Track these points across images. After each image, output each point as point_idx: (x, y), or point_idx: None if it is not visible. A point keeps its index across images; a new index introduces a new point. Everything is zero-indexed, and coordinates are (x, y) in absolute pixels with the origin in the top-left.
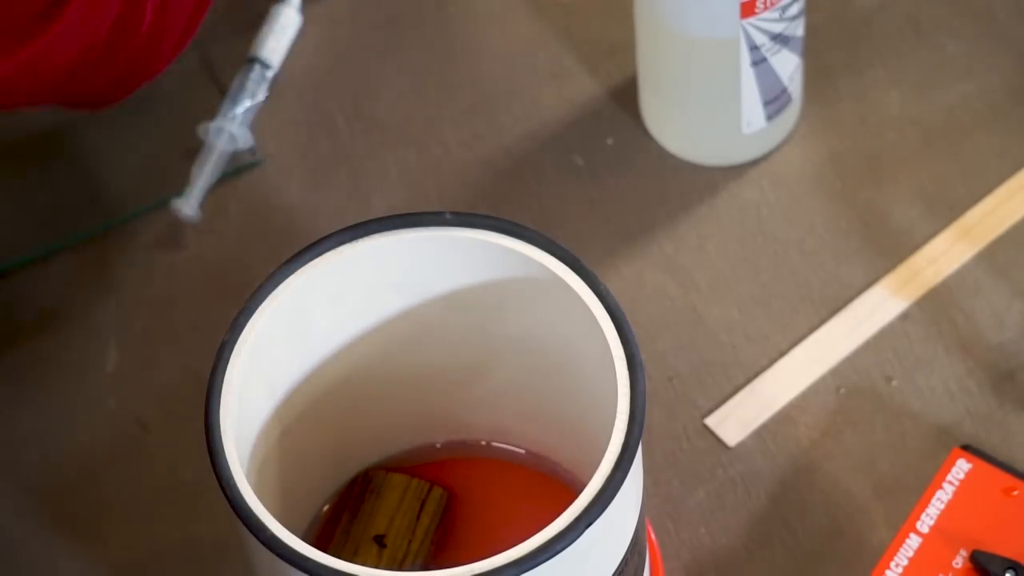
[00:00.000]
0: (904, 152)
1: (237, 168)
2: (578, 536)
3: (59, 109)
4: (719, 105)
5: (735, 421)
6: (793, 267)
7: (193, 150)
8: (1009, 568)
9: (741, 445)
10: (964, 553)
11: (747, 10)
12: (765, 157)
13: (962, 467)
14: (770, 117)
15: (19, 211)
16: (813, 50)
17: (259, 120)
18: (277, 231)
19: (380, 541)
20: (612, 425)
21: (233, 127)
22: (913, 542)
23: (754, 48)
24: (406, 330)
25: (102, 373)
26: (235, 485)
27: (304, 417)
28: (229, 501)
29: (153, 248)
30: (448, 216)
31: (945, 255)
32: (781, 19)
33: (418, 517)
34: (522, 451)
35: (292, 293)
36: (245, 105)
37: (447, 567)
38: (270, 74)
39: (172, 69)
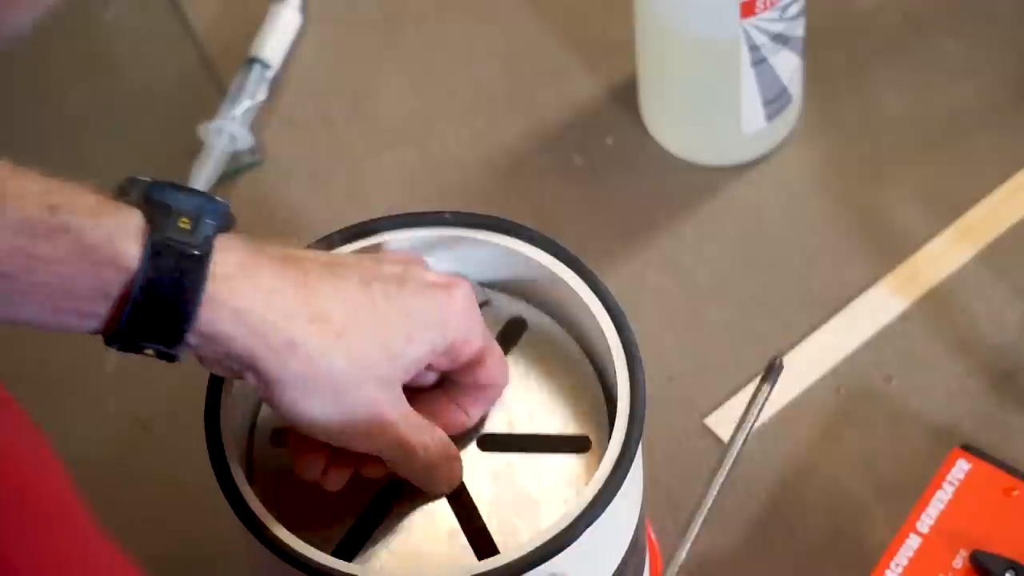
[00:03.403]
0: (904, 152)
1: (237, 168)
2: (578, 536)
3: None
4: (719, 105)
5: (735, 421)
6: (793, 267)
7: (193, 150)
8: (1009, 568)
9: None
10: (964, 553)
11: (747, 10)
12: (765, 157)
13: (962, 467)
14: (770, 117)
15: None
16: (813, 50)
17: (259, 120)
18: (277, 231)
19: None
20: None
21: (233, 127)
22: (913, 542)
23: (754, 48)
24: None
25: (102, 373)
26: (235, 485)
27: None
28: (229, 501)
29: None
30: (448, 216)
31: (945, 255)
32: (781, 19)
33: None
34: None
35: None
36: (245, 105)
37: None
38: (270, 74)
39: (172, 69)
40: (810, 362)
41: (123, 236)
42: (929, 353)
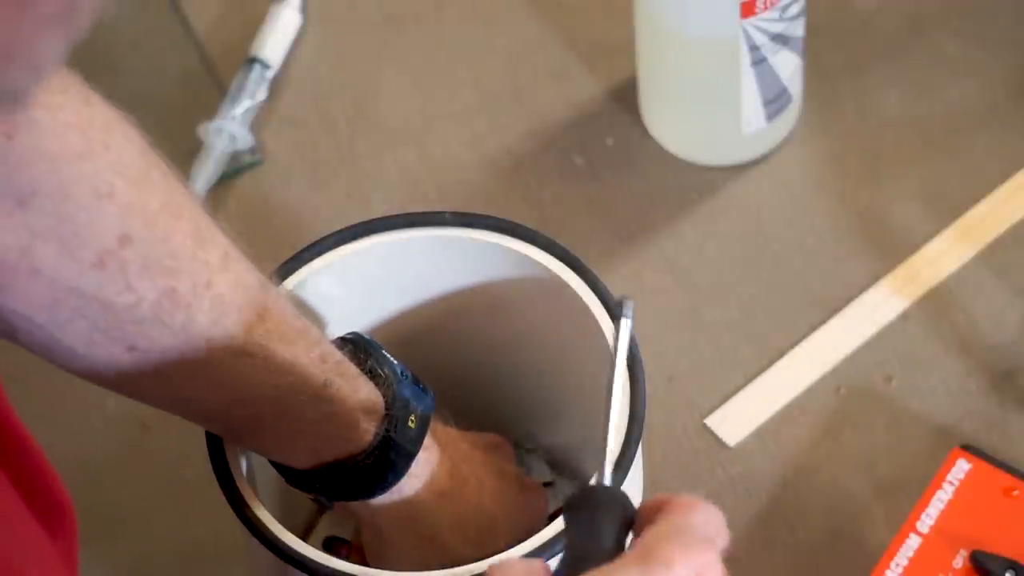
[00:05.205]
0: (904, 152)
1: (237, 168)
2: None
3: None
4: (719, 105)
5: (735, 421)
6: (793, 267)
7: (193, 150)
8: (1009, 568)
9: (741, 445)
10: (964, 553)
11: (747, 10)
12: (765, 157)
13: (962, 467)
14: (770, 117)
15: None
16: (813, 50)
17: (259, 120)
18: (277, 231)
19: None
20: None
21: (233, 127)
22: (913, 542)
23: (754, 48)
24: (406, 329)
25: None
26: (235, 485)
27: None
28: (229, 501)
29: None
30: (448, 216)
31: (945, 255)
32: (781, 19)
33: None
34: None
35: (292, 293)
36: (245, 105)
37: None
38: (270, 74)
39: (172, 69)
40: (810, 362)
41: (367, 420)
42: (929, 353)
